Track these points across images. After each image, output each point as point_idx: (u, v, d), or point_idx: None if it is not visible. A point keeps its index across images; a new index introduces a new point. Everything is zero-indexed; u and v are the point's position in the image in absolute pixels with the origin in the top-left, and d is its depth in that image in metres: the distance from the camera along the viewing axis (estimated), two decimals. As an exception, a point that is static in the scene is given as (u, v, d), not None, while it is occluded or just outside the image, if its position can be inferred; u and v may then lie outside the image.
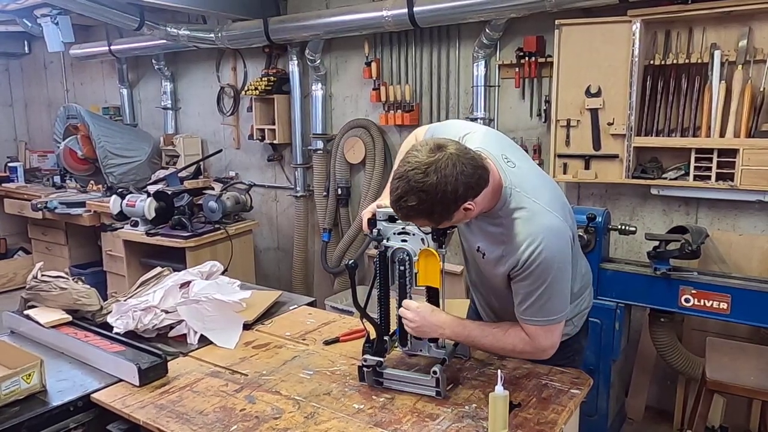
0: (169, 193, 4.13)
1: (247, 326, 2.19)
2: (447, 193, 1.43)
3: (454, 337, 1.71)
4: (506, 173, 1.59)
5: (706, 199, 2.97)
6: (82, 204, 4.77)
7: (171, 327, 2.13)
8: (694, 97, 2.87)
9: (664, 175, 2.94)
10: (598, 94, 3.00)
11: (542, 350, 1.65)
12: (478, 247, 1.70)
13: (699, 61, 2.83)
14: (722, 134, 2.77)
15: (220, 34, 4.35)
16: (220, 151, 5.03)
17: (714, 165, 2.78)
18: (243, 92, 4.75)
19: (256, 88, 4.46)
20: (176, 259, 3.78)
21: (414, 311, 1.67)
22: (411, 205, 1.45)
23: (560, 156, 3.18)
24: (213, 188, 4.44)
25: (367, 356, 1.72)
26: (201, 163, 5.00)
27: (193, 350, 2.02)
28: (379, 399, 1.67)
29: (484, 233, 1.67)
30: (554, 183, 1.80)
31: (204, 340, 2.07)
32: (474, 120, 3.61)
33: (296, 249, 4.60)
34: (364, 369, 1.72)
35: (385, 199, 1.73)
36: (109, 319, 2.12)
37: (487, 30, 3.42)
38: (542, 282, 1.55)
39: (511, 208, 1.58)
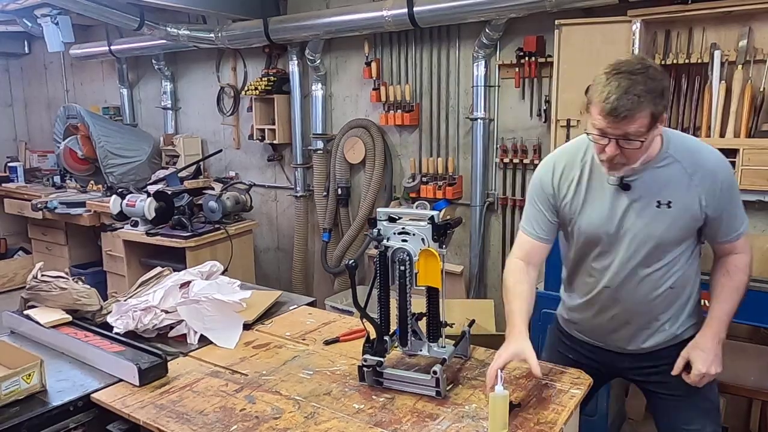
0: (169, 193, 4.13)
1: (247, 326, 2.19)
2: (665, 84, 1.52)
3: (724, 334, 1.74)
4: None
5: (706, 199, 2.97)
6: (82, 204, 4.77)
7: (171, 327, 2.12)
8: (694, 97, 2.87)
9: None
10: (598, 94, 2.99)
11: (751, 259, 1.79)
12: (659, 202, 1.66)
13: (699, 61, 2.83)
14: (722, 134, 2.77)
15: (220, 34, 4.35)
16: (220, 151, 5.03)
17: (714, 165, 2.77)
18: (243, 92, 4.75)
19: (256, 88, 4.47)
20: (176, 259, 3.77)
21: (708, 363, 1.69)
22: (641, 89, 1.46)
23: (560, 156, 3.17)
24: (213, 188, 4.44)
25: (367, 356, 1.72)
26: (201, 163, 5.00)
27: (193, 350, 2.02)
28: (379, 399, 1.67)
29: (660, 182, 1.65)
30: None
31: (204, 340, 2.07)
32: (474, 120, 3.61)
33: (296, 249, 4.60)
34: (364, 369, 1.72)
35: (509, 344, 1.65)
36: (109, 319, 2.12)
37: (487, 30, 3.42)
38: (737, 189, 1.73)
39: (679, 143, 1.66)
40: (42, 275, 2.20)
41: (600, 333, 1.87)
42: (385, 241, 1.71)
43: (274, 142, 4.57)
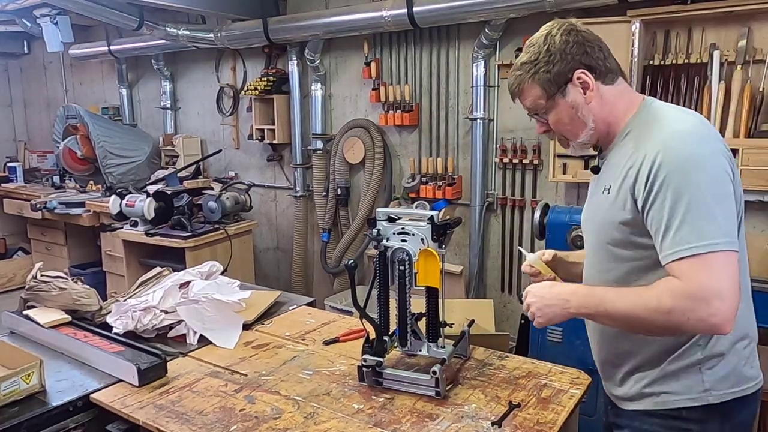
0: (169, 193, 4.13)
1: (246, 326, 2.19)
2: (556, 45, 1.33)
3: (583, 310, 1.33)
4: (650, 98, 1.40)
5: (706, 199, 2.97)
6: (81, 204, 4.77)
7: (170, 327, 2.12)
8: (694, 97, 2.87)
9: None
10: (597, 94, 3.00)
11: (704, 297, 1.14)
12: (604, 187, 1.38)
13: (698, 61, 2.83)
14: (722, 134, 2.76)
15: (219, 34, 4.35)
16: (220, 151, 5.03)
17: (713, 165, 2.78)
18: (242, 92, 4.75)
19: (255, 88, 4.46)
20: (176, 259, 3.77)
21: (530, 294, 1.40)
22: (520, 63, 1.37)
23: (560, 156, 3.18)
24: (212, 188, 4.44)
25: (367, 356, 1.72)
26: (200, 163, 5.01)
27: (193, 350, 2.02)
28: (378, 399, 1.67)
29: (612, 165, 1.38)
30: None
31: (203, 340, 2.07)
32: (473, 120, 3.61)
33: (296, 249, 4.60)
34: (364, 369, 1.72)
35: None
36: (109, 320, 2.12)
37: (486, 30, 3.42)
38: (684, 189, 1.19)
39: (647, 112, 1.35)
40: (41, 275, 2.20)
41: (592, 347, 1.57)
42: (384, 241, 1.71)
43: (274, 142, 4.57)
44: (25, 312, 2.18)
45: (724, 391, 1.33)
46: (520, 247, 1.96)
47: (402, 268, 1.69)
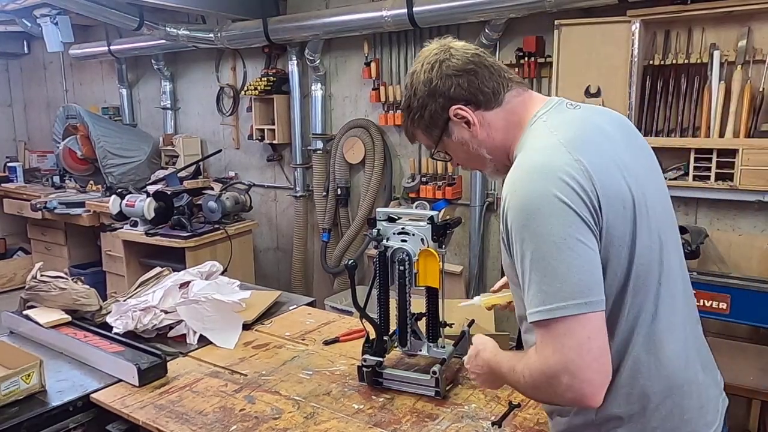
0: (169, 193, 4.13)
1: (246, 326, 2.19)
2: (422, 86, 1.21)
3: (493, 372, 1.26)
4: (549, 107, 1.21)
5: (706, 199, 2.97)
6: (81, 204, 4.77)
7: (170, 327, 2.12)
8: (694, 97, 2.87)
9: (663, 175, 2.94)
10: (597, 94, 3.00)
11: (553, 374, 1.01)
12: None
13: (698, 61, 2.83)
14: (722, 134, 2.77)
15: (219, 34, 4.35)
16: (220, 151, 5.03)
17: (713, 165, 2.77)
18: (242, 92, 4.74)
19: (255, 88, 4.46)
20: (176, 259, 3.77)
21: (471, 366, 1.33)
22: (401, 109, 1.29)
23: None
24: (212, 188, 4.44)
25: (367, 356, 1.72)
26: (200, 163, 5.01)
27: (193, 350, 2.02)
28: (378, 399, 1.67)
29: None
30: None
31: (203, 341, 2.07)
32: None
33: (296, 249, 4.60)
34: (364, 369, 1.72)
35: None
36: (109, 320, 2.12)
37: (486, 30, 3.42)
38: (525, 244, 1.04)
39: (522, 140, 1.19)
40: (41, 275, 2.20)
41: None
42: (384, 241, 1.71)
43: (274, 142, 4.56)
44: (25, 312, 2.18)
45: None
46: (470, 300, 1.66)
47: (402, 268, 1.69)
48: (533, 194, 1.04)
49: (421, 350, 1.77)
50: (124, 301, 2.19)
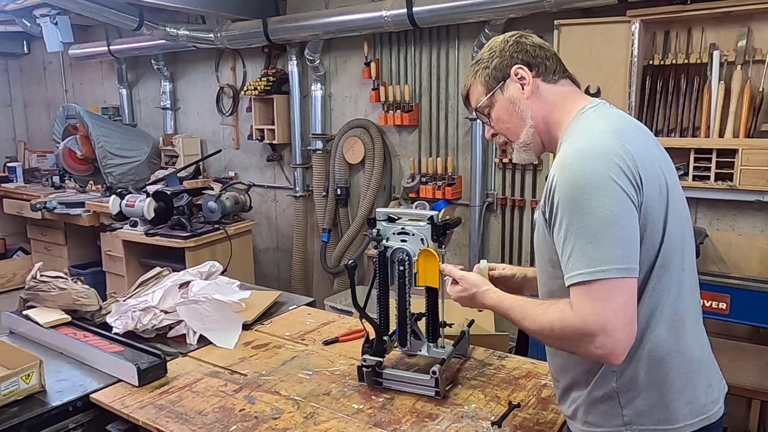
0: (169, 193, 4.13)
1: (246, 326, 2.19)
2: (497, 46, 1.39)
3: (489, 302, 1.45)
4: (596, 103, 1.35)
5: (705, 199, 2.97)
6: (81, 204, 4.77)
7: (170, 327, 2.12)
8: (693, 97, 2.87)
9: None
10: (597, 94, 3.00)
11: (589, 332, 1.11)
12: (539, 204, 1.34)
13: (698, 61, 2.83)
14: (721, 134, 2.77)
15: (219, 34, 4.35)
16: (220, 151, 5.03)
17: (713, 165, 2.78)
18: (242, 92, 4.75)
19: (255, 88, 4.46)
20: (175, 259, 3.77)
21: (461, 283, 1.51)
22: (469, 66, 1.46)
23: (559, 156, 3.18)
24: (212, 188, 4.44)
25: (367, 356, 1.72)
26: (200, 163, 5.01)
27: (193, 350, 2.02)
28: (378, 399, 1.67)
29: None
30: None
31: (203, 341, 2.07)
32: (473, 120, 3.61)
33: (295, 249, 4.60)
34: (364, 369, 1.72)
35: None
36: (109, 320, 2.12)
37: (486, 30, 3.41)
38: (571, 214, 1.15)
39: (572, 126, 1.31)
40: (41, 275, 2.20)
41: None
42: (384, 241, 1.71)
43: (274, 142, 4.57)
44: (24, 312, 2.18)
45: (647, 427, 1.22)
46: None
47: (402, 268, 1.69)
48: (586, 172, 1.15)
49: (420, 350, 1.77)
50: (124, 301, 2.19)
